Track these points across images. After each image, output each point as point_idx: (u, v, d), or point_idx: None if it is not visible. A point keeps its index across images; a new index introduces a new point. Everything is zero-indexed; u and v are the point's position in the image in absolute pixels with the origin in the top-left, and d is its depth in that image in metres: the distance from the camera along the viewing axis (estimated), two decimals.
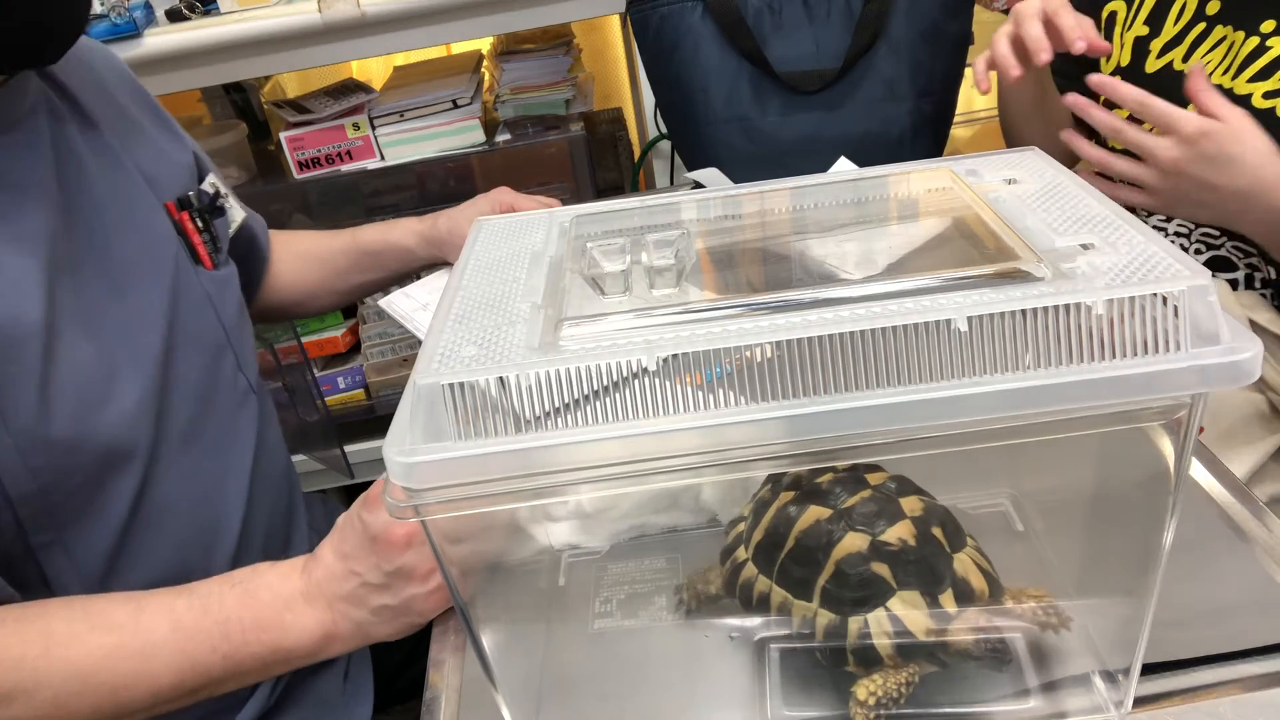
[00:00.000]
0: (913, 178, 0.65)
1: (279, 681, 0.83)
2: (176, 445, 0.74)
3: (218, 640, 0.65)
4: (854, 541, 0.57)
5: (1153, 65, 1.03)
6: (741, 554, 0.61)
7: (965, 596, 0.57)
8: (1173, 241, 1.05)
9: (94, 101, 0.77)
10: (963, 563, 0.58)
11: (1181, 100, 0.99)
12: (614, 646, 0.67)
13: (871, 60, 1.22)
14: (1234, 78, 0.95)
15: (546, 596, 0.71)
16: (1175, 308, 0.45)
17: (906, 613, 0.57)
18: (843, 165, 1.09)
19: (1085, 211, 0.54)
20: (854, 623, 0.57)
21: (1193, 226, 1.04)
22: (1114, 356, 0.45)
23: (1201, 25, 0.99)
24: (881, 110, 1.24)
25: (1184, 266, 0.47)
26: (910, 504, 0.59)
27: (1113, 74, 1.05)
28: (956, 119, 1.35)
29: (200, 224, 0.82)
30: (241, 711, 0.80)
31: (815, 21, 1.22)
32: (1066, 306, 0.45)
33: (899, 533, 0.57)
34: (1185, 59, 1.00)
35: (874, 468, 0.61)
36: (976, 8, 1.30)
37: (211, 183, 0.88)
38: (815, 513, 0.58)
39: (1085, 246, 0.50)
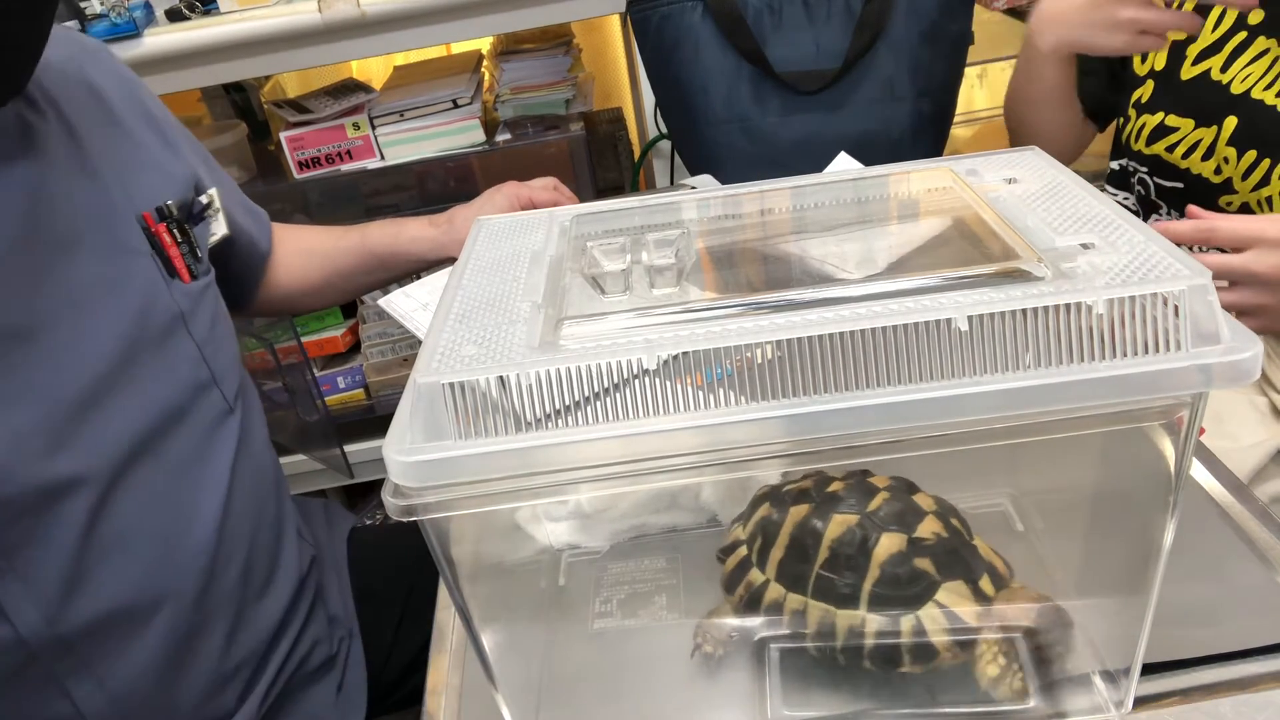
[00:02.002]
0: (913, 177, 0.65)
1: (268, 695, 0.82)
2: (137, 468, 0.72)
3: None
4: (892, 542, 0.57)
5: (1188, 71, 1.00)
6: (758, 576, 0.61)
7: (998, 579, 0.58)
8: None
9: (77, 109, 0.76)
10: (983, 548, 0.59)
11: (1219, 107, 0.97)
12: (614, 646, 0.67)
13: (871, 60, 1.22)
14: (1279, 94, 0.93)
15: (546, 596, 0.71)
16: (1175, 307, 0.45)
17: (956, 602, 0.57)
18: (842, 161, 1.09)
19: (1085, 211, 0.54)
20: (906, 621, 0.57)
21: None
22: (1114, 356, 0.45)
23: (1242, 34, 0.96)
24: (881, 110, 1.24)
25: (1184, 266, 0.47)
26: (924, 501, 0.60)
27: (1147, 77, 1.04)
28: (956, 119, 1.35)
29: (179, 235, 0.80)
30: None
31: (815, 22, 1.22)
32: (1067, 306, 0.45)
33: (930, 527, 0.58)
34: (1224, 68, 0.97)
35: (868, 472, 0.61)
36: (976, 8, 1.30)
37: (209, 195, 0.86)
38: (843, 520, 0.58)
39: (1085, 246, 0.50)
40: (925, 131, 1.27)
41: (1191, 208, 0.87)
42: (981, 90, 1.77)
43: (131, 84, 0.85)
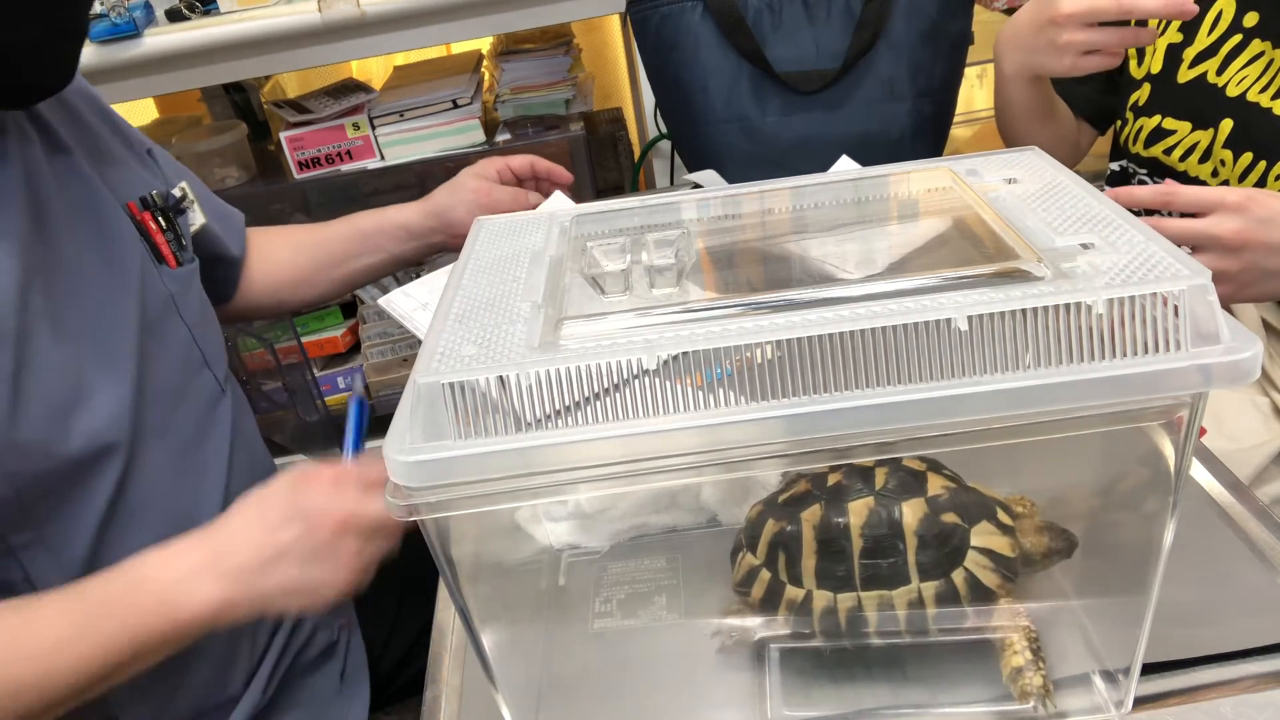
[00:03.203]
0: (913, 178, 0.65)
1: (271, 680, 0.83)
2: (152, 442, 0.75)
3: (118, 634, 0.65)
4: (915, 508, 0.58)
5: (1185, 75, 1.00)
6: (797, 592, 0.60)
7: (1009, 510, 0.60)
8: None
9: (57, 118, 0.78)
10: (981, 488, 0.61)
11: (1216, 110, 0.97)
12: (614, 646, 0.67)
13: (871, 60, 1.22)
14: (1274, 97, 0.93)
15: (546, 596, 0.71)
16: (1175, 307, 0.45)
17: (995, 541, 0.59)
18: (844, 164, 1.09)
19: (1085, 211, 0.54)
20: (958, 576, 0.58)
21: None
22: (1114, 356, 0.45)
23: (1238, 37, 0.96)
24: (881, 110, 1.24)
25: (1184, 266, 0.47)
26: (914, 463, 0.61)
27: (1144, 80, 1.04)
28: (956, 119, 1.35)
29: (164, 223, 0.83)
30: (234, 712, 0.81)
31: (815, 21, 1.22)
32: (1066, 306, 0.45)
33: (936, 484, 0.59)
34: (1219, 71, 0.97)
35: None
36: (976, 8, 1.30)
37: (181, 187, 0.88)
38: (861, 505, 0.59)
39: (1085, 246, 0.50)
40: (925, 131, 1.27)
41: (1169, 181, 0.87)
42: (981, 90, 1.77)
43: (87, 88, 0.87)
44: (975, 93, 1.77)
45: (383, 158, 1.51)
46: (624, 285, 0.55)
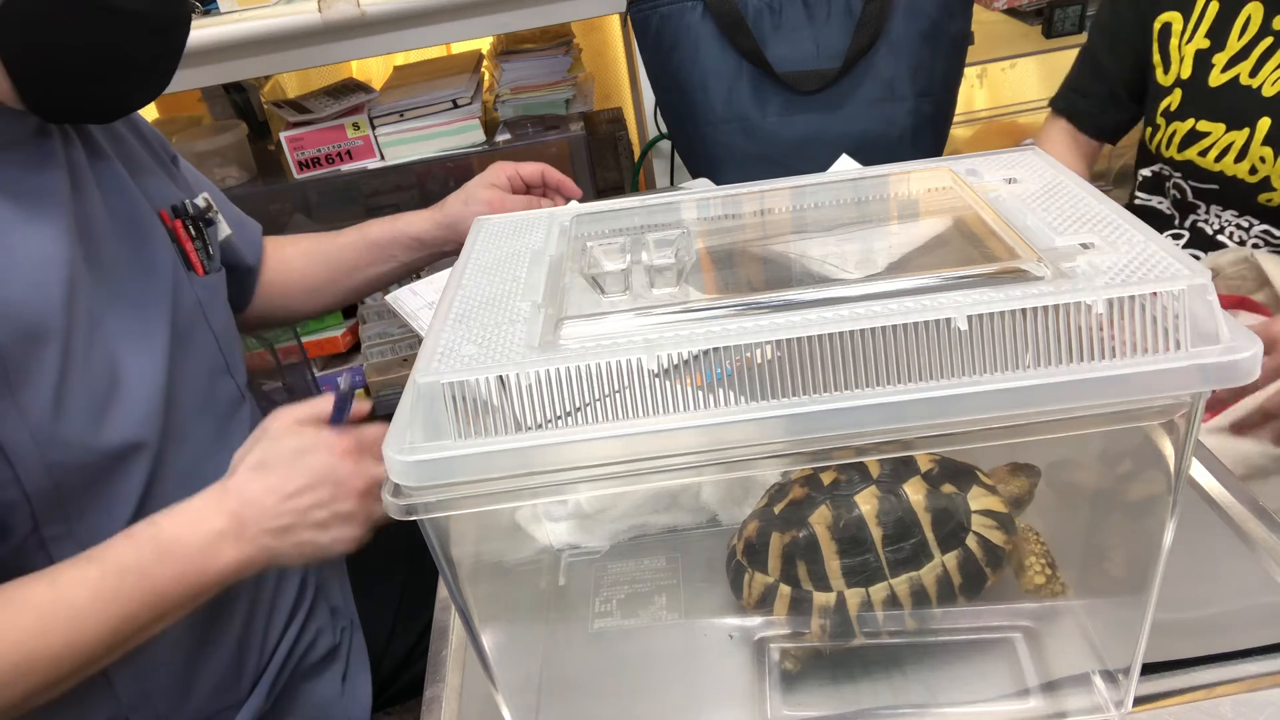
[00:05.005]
0: (913, 177, 0.65)
1: (276, 684, 0.84)
2: (178, 446, 0.76)
3: (142, 599, 0.67)
4: (917, 486, 0.59)
5: (1217, 79, 1.02)
6: (828, 597, 0.60)
7: (983, 471, 0.63)
8: (1232, 235, 1.04)
9: (95, 128, 0.80)
10: (953, 457, 0.63)
11: (1252, 110, 0.98)
12: (614, 646, 0.67)
13: (871, 60, 1.22)
14: None
15: (546, 596, 0.71)
16: (1175, 307, 0.45)
17: (988, 501, 0.60)
18: (844, 163, 1.09)
19: (1085, 211, 0.54)
20: (971, 540, 0.59)
21: (1254, 221, 1.03)
22: (1114, 356, 0.45)
23: (1269, 40, 0.98)
24: (881, 110, 1.24)
25: (1184, 266, 0.47)
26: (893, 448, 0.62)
27: (1173, 86, 1.05)
28: (956, 119, 1.35)
29: (194, 231, 0.85)
30: (239, 713, 0.81)
31: (815, 21, 1.22)
32: (1066, 306, 0.45)
33: (924, 461, 0.61)
34: (1253, 73, 0.99)
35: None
36: (976, 8, 1.30)
37: (204, 197, 0.89)
38: (868, 495, 0.59)
39: (1085, 246, 0.50)
40: (925, 131, 1.27)
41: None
42: (981, 90, 1.77)
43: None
44: (975, 93, 1.77)
45: (383, 158, 1.52)
46: (624, 285, 0.55)
